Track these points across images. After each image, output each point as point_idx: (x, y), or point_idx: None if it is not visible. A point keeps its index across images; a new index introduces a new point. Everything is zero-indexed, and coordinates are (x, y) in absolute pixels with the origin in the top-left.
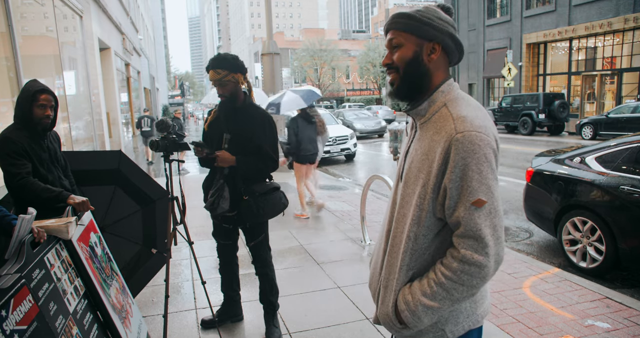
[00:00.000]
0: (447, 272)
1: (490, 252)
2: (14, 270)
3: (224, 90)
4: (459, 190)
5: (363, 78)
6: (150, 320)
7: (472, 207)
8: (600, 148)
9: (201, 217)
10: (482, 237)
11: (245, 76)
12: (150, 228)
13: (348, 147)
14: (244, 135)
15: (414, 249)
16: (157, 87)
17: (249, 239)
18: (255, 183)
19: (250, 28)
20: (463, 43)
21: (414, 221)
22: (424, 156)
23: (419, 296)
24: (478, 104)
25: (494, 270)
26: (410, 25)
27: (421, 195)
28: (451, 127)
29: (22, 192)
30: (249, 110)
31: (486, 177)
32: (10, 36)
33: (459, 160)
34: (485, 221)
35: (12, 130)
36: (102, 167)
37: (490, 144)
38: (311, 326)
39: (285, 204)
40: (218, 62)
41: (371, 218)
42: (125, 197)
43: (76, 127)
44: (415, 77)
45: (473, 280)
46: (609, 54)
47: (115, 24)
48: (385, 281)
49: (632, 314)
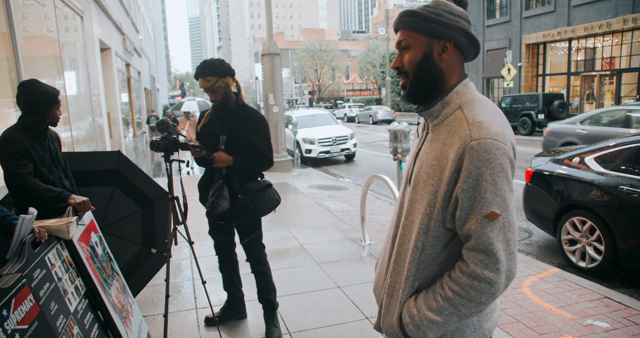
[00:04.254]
0: (454, 287)
1: (502, 268)
2: (15, 270)
3: (217, 96)
4: (472, 201)
5: (363, 78)
6: (151, 319)
7: (484, 220)
8: (600, 148)
9: (201, 216)
10: (493, 252)
11: (233, 78)
12: (150, 229)
13: (348, 147)
14: (238, 136)
15: (421, 259)
16: (158, 87)
17: (242, 236)
18: (249, 181)
19: (251, 28)
20: None
21: (422, 230)
22: (435, 161)
23: (424, 310)
24: (496, 108)
25: (504, 286)
26: (418, 23)
27: (431, 203)
28: (466, 132)
29: (23, 192)
30: (241, 111)
31: (501, 189)
32: (12, 37)
33: (473, 169)
34: (498, 235)
35: (14, 131)
36: (101, 168)
37: (507, 153)
38: (311, 326)
39: (278, 201)
40: (206, 70)
41: (371, 218)
42: (124, 198)
43: (77, 127)
44: (427, 79)
45: (482, 296)
46: (608, 55)
47: (115, 25)
48: (391, 290)
49: (631, 314)
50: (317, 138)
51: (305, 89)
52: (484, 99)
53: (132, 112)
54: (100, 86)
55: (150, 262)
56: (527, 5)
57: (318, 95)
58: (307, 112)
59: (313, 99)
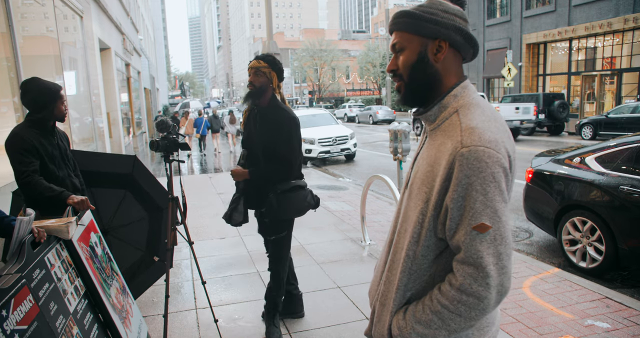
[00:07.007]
0: (443, 300)
1: (492, 283)
2: (15, 270)
3: (255, 80)
4: (461, 211)
5: (363, 78)
6: (151, 320)
7: (473, 231)
8: (600, 148)
9: (202, 216)
10: (482, 266)
11: (279, 77)
12: (155, 236)
13: (348, 147)
14: (264, 138)
15: (412, 269)
16: (158, 87)
17: (270, 233)
18: (280, 182)
19: (251, 28)
20: None
21: (413, 239)
22: (429, 167)
23: (412, 323)
24: (495, 113)
25: (495, 302)
26: (411, 24)
27: (423, 211)
28: (458, 138)
29: (27, 190)
30: (270, 115)
31: (492, 199)
32: (11, 36)
33: (463, 178)
34: (488, 249)
35: (21, 128)
36: (116, 171)
37: (499, 162)
38: (311, 326)
39: (310, 204)
40: (264, 56)
41: (371, 218)
42: (134, 203)
43: (76, 127)
44: (422, 81)
45: (471, 312)
46: (608, 54)
47: (115, 24)
48: (383, 298)
49: (631, 314)
50: (317, 138)
51: (305, 89)
52: (484, 103)
53: (132, 112)
54: (100, 86)
55: (152, 269)
56: (527, 5)
57: (318, 95)
58: (307, 112)
59: (313, 99)
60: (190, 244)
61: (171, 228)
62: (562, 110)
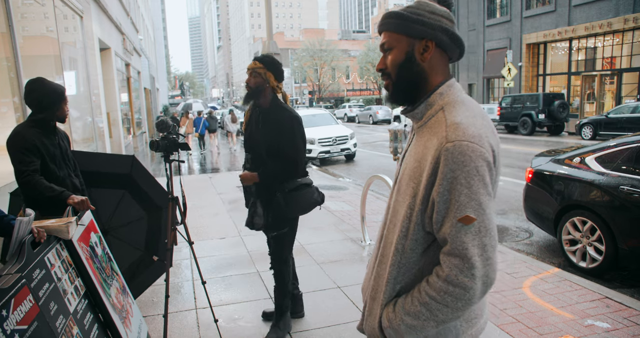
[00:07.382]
0: (430, 292)
1: (477, 274)
2: (15, 270)
3: (250, 81)
4: (447, 205)
5: (363, 78)
6: (151, 320)
7: (459, 223)
8: (600, 148)
9: (203, 216)
10: (468, 257)
11: (277, 78)
12: (154, 236)
13: (348, 147)
14: (267, 139)
15: (401, 263)
16: (157, 87)
17: (271, 229)
18: (287, 181)
19: (250, 28)
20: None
21: (402, 233)
22: (416, 163)
23: (401, 315)
24: (481, 110)
25: (481, 292)
26: (399, 24)
27: (410, 206)
28: (443, 134)
29: (27, 189)
30: (272, 115)
31: (476, 192)
32: (11, 36)
33: (448, 172)
34: (473, 240)
35: (23, 127)
36: (114, 171)
37: (483, 156)
38: (311, 326)
39: (317, 201)
40: (261, 57)
41: (371, 218)
42: (132, 203)
43: (76, 127)
44: (409, 79)
45: (457, 302)
46: (608, 54)
47: (115, 24)
48: (374, 292)
49: (631, 314)
50: (317, 138)
51: (305, 89)
52: (469, 101)
53: (131, 112)
54: (100, 86)
55: (151, 269)
56: (527, 5)
57: (318, 95)
58: (307, 112)
59: (313, 99)
60: (190, 244)
61: (171, 228)
62: (562, 110)
